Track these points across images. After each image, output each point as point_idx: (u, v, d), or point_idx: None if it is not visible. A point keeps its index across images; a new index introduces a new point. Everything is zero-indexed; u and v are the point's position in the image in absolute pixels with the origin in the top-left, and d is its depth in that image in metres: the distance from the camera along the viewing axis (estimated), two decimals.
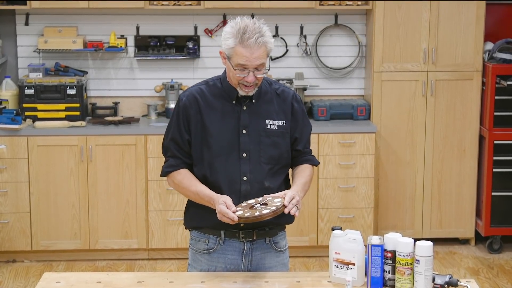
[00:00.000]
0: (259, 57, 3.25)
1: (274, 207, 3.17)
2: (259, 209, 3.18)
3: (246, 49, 3.24)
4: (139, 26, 6.49)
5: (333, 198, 6.20)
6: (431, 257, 3.13)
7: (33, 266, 6.12)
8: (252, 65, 3.26)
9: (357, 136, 6.17)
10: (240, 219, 3.15)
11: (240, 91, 3.34)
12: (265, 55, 3.28)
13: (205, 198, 3.32)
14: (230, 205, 3.19)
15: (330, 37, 6.62)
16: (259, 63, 3.26)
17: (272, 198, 3.25)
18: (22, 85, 6.20)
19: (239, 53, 3.25)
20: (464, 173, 6.42)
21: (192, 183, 3.37)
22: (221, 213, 3.19)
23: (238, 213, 3.17)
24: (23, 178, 6.04)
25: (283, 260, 3.52)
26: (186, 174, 3.41)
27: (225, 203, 3.20)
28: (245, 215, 3.16)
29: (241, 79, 3.30)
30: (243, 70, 3.28)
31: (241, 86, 3.33)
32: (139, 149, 6.05)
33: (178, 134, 3.40)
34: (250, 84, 3.30)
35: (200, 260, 3.47)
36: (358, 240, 3.23)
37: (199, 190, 3.34)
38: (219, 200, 3.23)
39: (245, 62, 3.25)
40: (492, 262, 6.22)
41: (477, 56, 6.31)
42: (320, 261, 6.20)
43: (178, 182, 3.41)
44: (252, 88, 3.33)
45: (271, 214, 3.15)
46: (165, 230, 6.14)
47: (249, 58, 3.24)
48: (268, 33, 3.30)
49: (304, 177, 3.43)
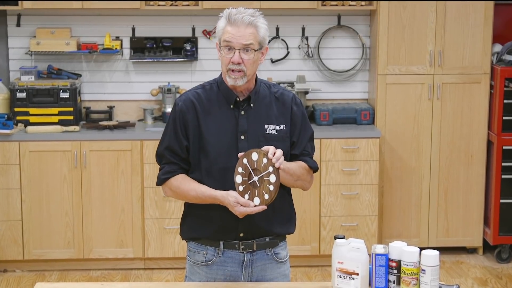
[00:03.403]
0: (245, 36, 3.27)
1: (270, 167, 3.16)
2: (259, 180, 3.19)
3: (232, 26, 3.28)
4: (135, 28, 6.50)
5: (336, 206, 6.20)
6: (437, 267, 3.14)
7: (25, 276, 6.12)
8: (237, 43, 3.27)
9: (361, 141, 6.17)
10: (267, 204, 3.19)
11: (229, 79, 3.33)
12: (253, 37, 3.28)
13: (208, 200, 3.32)
14: (245, 202, 3.21)
15: (332, 38, 6.63)
16: (244, 42, 3.27)
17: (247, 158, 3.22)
18: (13, 89, 6.21)
19: (226, 31, 3.30)
20: (472, 179, 6.43)
21: (191, 187, 3.36)
22: (244, 214, 3.23)
23: (256, 200, 3.20)
24: (15, 184, 6.04)
25: (284, 271, 3.52)
26: (183, 179, 3.40)
27: (238, 203, 3.21)
28: (265, 197, 3.18)
29: (229, 62, 3.29)
30: (229, 51, 3.29)
31: (229, 73, 3.32)
32: (135, 154, 6.05)
33: (175, 141, 3.39)
34: (238, 67, 3.29)
35: (199, 272, 3.46)
36: (362, 249, 3.23)
37: (199, 193, 3.34)
38: (231, 202, 3.23)
39: (229, 38, 3.27)
40: (500, 272, 6.23)
41: (485, 59, 6.33)
42: (322, 271, 6.20)
43: (176, 188, 3.40)
44: (240, 75, 3.31)
45: (278, 174, 3.18)
46: (161, 239, 6.15)
47: (233, 34, 3.27)
48: (262, 20, 3.32)
49: (291, 163, 3.39)
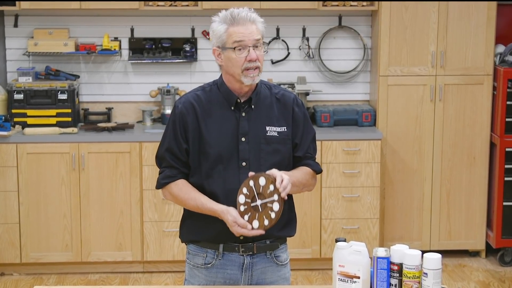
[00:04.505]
0: (254, 32, 3.29)
1: (275, 195, 3.16)
2: (262, 205, 3.19)
3: (239, 26, 3.28)
4: (134, 28, 6.50)
5: (337, 208, 6.20)
6: (439, 270, 3.13)
7: (23, 279, 6.12)
8: (250, 40, 3.28)
9: (362, 143, 6.17)
10: (266, 230, 3.21)
11: (246, 79, 3.31)
12: (259, 32, 3.31)
13: (207, 212, 3.33)
14: (243, 224, 3.21)
15: (333, 39, 6.63)
16: (256, 37, 3.29)
17: (254, 182, 3.20)
18: (11, 90, 6.21)
19: (233, 32, 3.29)
20: (474, 182, 6.43)
21: (191, 196, 3.36)
22: (241, 234, 3.25)
23: (255, 224, 3.20)
24: (12, 187, 6.04)
25: (284, 274, 3.52)
26: (184, 185, 3.39)
27: (237, 224, 3.21)
28: (265, 223, 3.19)
29: (244, 62, 3.29)
30: (242, 50, 3.29)
31: (246, 73, 3.31)
32: (134, 157, 6.05)
33: (175, 143, 3.39)
34: (255, 64, 3.29)
35: (198, 275, 3.46)
36: (363, 252, 3.23)
37: (199, 204, 3.34)
38: (229, 221, 3.23)
39: (241, 38, 3.28)
40: (503, 275, 6.23)
41: (488, 60, 6.32)
42: (323, 274, 6.20)
43: (176, 195, 3.39)
44: (257, 72, 3.32)
45: (282, 204, 3.18)
46: (160, 242, 6.14)
47: (244, 33, 3.28)
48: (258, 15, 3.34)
49: (296, 171, 3.39)
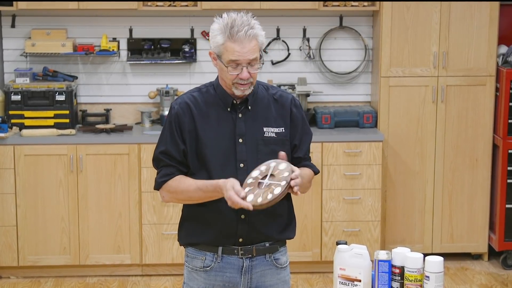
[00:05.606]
0: (251, 51, 3.25)
1: (284, 182, 3.12)
2: (268, 184, 3.14)
3: (236, 43, 3.25)
4: (132, 29, 6.50)
5: (338, 211, 6.20)
6: (441, 273, 3.13)
7: (20, 283, 6.11)
8: (245, 60, 3.26)
9: (363, 145, 6.17)
10: (255, 207, 3.11)
11: (236, 91, 3.32)
12: (257, 48, 3.28)
13: (210, 190, 3.27)
14: (239, 190, 3.15)
15: (334, 40, 6.63)
16: (251, 57, 3.26)
17: (276, 164, 3.19)
18: (8, 91, 6.21)
19: (229, 49, 3.25)
20: (477, 184, 6.42)
21: (191, 182, 3.33)
22: (231, 200, 3.15)
23: (249, 197, 3.13)
24: (9, 189, 6.04)
25: (284, 277, 3.52)
26: (182, 178, 3.37)
27: (233, 189, 3.15)
28: (258, 200, 3.12)
29: (235, 77, 3.29)
30: (236, 67, 3.27)
31: (236, 86, 3.31)
32: (132, 158, 6.05)
33: (172, 144, 3.38)
34: (245, 82, 3.29)
35: (197, 278, 3.45)
36: (364, 255, 3.23)
37: (200, 186, 3.30)
38: (227, 185, 3.18)
39: (237, 57, 3.25)
40: (506, 278, 6.23)
41: (491, 60, 6.32)
42: (324, 278, 6.20)
43: (175, 188, 3.36)
44: (248, 86, 3.31)
45: (284, 191, 3.12)
46: (159, 245, 6.14)
47: (240, 52, 3.25)
48: (258, 26, 3.31)
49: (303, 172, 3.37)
